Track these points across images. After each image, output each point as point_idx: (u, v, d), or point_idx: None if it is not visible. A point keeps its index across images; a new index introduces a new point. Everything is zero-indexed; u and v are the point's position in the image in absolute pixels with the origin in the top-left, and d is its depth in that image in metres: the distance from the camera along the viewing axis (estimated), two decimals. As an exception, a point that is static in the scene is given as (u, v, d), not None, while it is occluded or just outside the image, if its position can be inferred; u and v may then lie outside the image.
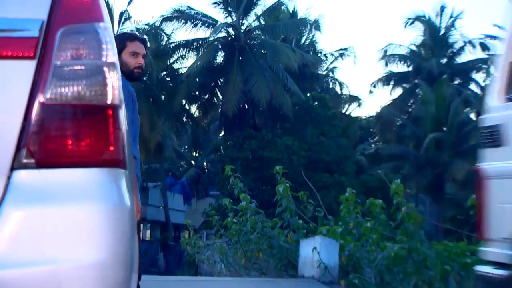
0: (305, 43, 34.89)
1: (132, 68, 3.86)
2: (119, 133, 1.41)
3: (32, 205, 1.31)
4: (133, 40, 3.90)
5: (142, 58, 3.90)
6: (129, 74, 3.85)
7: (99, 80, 1.40)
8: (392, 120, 32.53)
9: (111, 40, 1.45)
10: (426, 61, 33.53)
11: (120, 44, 3.82)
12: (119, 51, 3.79)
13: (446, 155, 28.17)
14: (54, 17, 1.41)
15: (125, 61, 3.85)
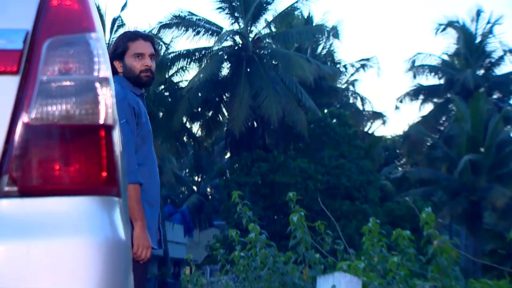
0: (322, 52, 35.00)
1: (138, 72, 3.74)
2: (113, 157, 1.42)
3: (14, 238, 1.31)
4: (136, 39, 3.77)
5: (149, 59, 3.76)
6: (136, 80, 3.75)
7: (91, 98, 1.41)
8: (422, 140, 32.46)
9: (104, 53, 1.46)
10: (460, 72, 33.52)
11: (121, 47, 3.76)
12: (122, 55, 3.76)
13: (484, 179, 28.02)
14: (40, 27, 1.42)
15: (129, 66, 3.75)
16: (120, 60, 3.76)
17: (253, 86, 27.05)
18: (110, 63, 3.73)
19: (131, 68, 3.74)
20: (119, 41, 3.78)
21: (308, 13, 34.13)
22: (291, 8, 29.01)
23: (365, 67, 35.75)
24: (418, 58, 34.76)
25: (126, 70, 3.75)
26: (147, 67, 3.73)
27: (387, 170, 35.09)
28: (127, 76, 3.75)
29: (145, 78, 3.75)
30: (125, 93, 3.69)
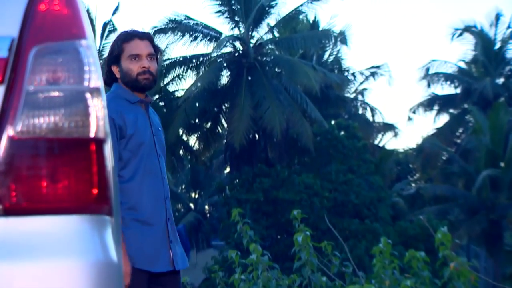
0: (329, 59, 35.05)
1: (135, 75, 3.66)
2: (104, 172, 1.43)
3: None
4: (131, 40, 3.70)
5: (147, 59, 3.68)
6: (134, 85, 3.69)
7: (81, 109, 1.41)
8: (437, 154, 32.44)
9: (95, 61, 1.47)
10: (478, 81, 33.54)
11: (117, 49, 3.71)
12: (118, 58, 3.71)
13: (504, 196, 27.97)
14: (26, 33, 1.43)
15: (125, 70, 3.69)
16: (117, 65, 3.73)
17: (255, 95, 27.08)
18: (108, 68, 3.62)
19: (128, 72, 3.69)
20: (114, 43, 3.74)
21: (313, 17, 34.21)
22: (295, 12, 29.07)
23: (375, 75, 35.79)
24: (432, 65, 34.80)
25: (122, 74, 3.71)
26: (144, 68, 3.66)
27: (399, 187, 35.04)
28: (125, 81, 3.71)
29: (144, 81, 3.68)
30: (109, 101, 3.65)
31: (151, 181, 3.66)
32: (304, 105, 27.55)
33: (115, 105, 3.65)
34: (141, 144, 3.65)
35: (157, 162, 3.70)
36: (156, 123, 3.79)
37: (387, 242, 8.01)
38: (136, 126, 3.67)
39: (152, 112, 3.84)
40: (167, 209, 3.70)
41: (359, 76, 36.08)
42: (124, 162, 3.61)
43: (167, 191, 3.72)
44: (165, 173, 3.76)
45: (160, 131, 3.80)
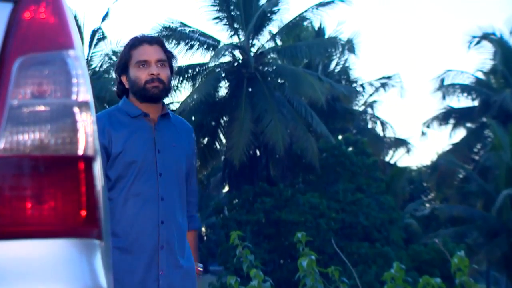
0: (336, 69, 35.11)
1: (143, 83, 3.59)
2: (94, 193, 1.43)
3: (-22, 288, 1.31)
4: (139, 45, 3.65)
5: (157, 66, 3.62)
6: (142, 94, 3.62)
7: (68, 125, 1.42)
8: (453, 172, 32.42)
9: (83, 73, 1.47)
10: (498, 93, 33.57)
11: (124, 57, 3.67)
12: (126, 67, 3.67)
13: (526, 217, 27.91)
14: (10, 44, 1.44)
15: (133, 78, 3.63)
16: (126, 74, 3.68)
17: (256, 108, 27.10)
18: (118, 79, 3.61)
19: (135, 80, 3.63)
20: (123, 50, 3.71)
21: (319, 24, 34.31)
22: (299, 18, 29.13)
23: (386, 87, 35.81)
24: (448, 76, 34.83)
25: (130, 83, 3.66)
26: (152, 76, 3.59)
27: (412, 207, 35.00)
28: (133, 91, 3.66)
29: (152, 90, 3.59)
30: (97, 117, 3.64)
31: (139, 204, 3.58)
32: (309, 119, 27.56)
33: (102, 122, 3.59)
34: (131, 163, 3.58)
35: (154, 183, 3.59)
36: (168, 138, 3.69)
37: (399, 268, 7.99)
38: (125, 144, 3.60)
39: (167, 126, 3.72)
40: (161, 236, 3.58)
41: (369, 88, 36.12)
42: (112, 182, 3.57)
43: (165, 216, 3.60)
44: (169, 195, 3.63)
45: (175, 148, 3.68)
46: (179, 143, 3.73)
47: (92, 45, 27.59)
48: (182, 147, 3.73)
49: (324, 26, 34.61)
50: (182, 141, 3.75)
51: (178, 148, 3.70)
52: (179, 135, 3.75)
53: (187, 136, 3.80)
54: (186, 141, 3.77)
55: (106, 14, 26.92)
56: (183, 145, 3.74)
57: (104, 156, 3.57)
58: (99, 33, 27.68)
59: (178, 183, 3.69)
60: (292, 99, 27.72)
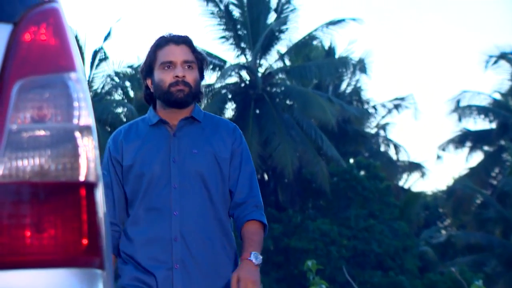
0: (347, 90, 35.14)
1: (167, 86, 3.44)
2: (95, 220, 1.43)
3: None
4: (165, 45, 3.51)
5: (182, 67, 3.46)
6: (166, 99, 3.46)
7: (69, 150, 1.43)
8: (470, 197, 32.31)
9: (85, 96, 1.48)
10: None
11: (149, 58, 3.54)
12: (151, 69, 3.53)
13: (547, 245, 27.79)
14: (9, 66, 1.45)
15: (157, 81, 3.48)
16: (150, 77, 3.54)
17: (263, 131, 27.12)
18: (144, 82, 3.52)
19: (159, 83, 3.47)
20: (148, 51, 3.57)
21: (329, 43, 34.35)
22: (309, 37, 29.20)
23: (399, 108, 35.80)
24: (463, 97, 34.79)
25: (155, 87, 3.52)
26: (177, 78, 3.43)
27: (427, 234, 34.86)
28: (157, 95, 3.51)
29: (176, 94, 3.43)
30: (117, 130, 3.56)
31: (150, 220, 3.42)
32: (319, 142, 27.55)
33: (118, 135, 3.53)
34: (140, 176, 3.44)
35: (166, 197, 3.41)
36: (187, 145, 3.49)
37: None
38: (136, 156, 3.47)
39: (190, 130, 3.52)
40: (174, 255, 3.39)
41: (381, 109, 36.11)
42: (129, 198, 3.48)
43: (180, 232, 3.40)
44: (186, 209, 3.42)
45: (196, 154, 3.47)
46: (204, 148, 3.49)
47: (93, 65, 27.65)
48: (209, 151, 3.49)
49: (335, 46, 34.64)
50: (211, 144, 3.51)
51: (201, 153, 3.48)
52: (206, 139, 3.52)
53: (223, 137, 3.55)
54: (220, 142, 3.53)
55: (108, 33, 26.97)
56: (210, 148, 3.50)
57: (120, 172, 3.49)
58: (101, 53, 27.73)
59: (202, 194, 3.46)
60: (302, 121, 27.72)
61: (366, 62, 33.67)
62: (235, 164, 3.55)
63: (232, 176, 3.54)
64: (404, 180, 38.19)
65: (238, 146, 3.56)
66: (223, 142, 3.52)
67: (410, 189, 37.05)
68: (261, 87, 27.96)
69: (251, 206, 3.63)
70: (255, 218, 3.62)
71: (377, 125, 37.09)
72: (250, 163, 3.61)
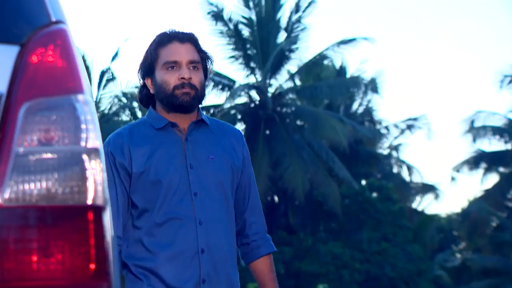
0: (359, 110, 35.14)
1: (171, 89, 3.23)
2: (103, 245, 1.43)
3: None
4: (168, 43, 3.29)
5: (188, 68, 3.25)
6: (169, 102, 3.25)
7: (76, 173, 1.43)
8: (485, 219, 32.19)
9: (93, 118, 1.49)
10: (531, 134, 33.46)
11: (150, 56, 3.31)
12: (152, 68, 3.32)
13: None
14: (16, 88, 1.46)
15: (159, 82, 3.27)
16: (151, 76, 3.33)
17: (274, 152, 27.11)
18: (142, 81, 3.32)
19: (162, 85, 3.25)
20: (148, 48, 3.34)
21: (340, 62, 34.40)
22: (319, 57, 29.24)
23: (412, 128, 35.77)
24: (478, 117, 34.73)
25: (156, 88, 3.30)
26: (183, 80, 3.22)
27: (442, 257, 34.72)
28: (159, 98, 3.30)
29: (182, 97, 3.22)
30: (116, 134, 3.35)
31: (172, 231, 3.21)
32: (330, 163, 27.52)
33: (120, 138, 3.32)
34: (155, 183, 3.22)
35: (189, 205, 3.22)
36: (203, 150, 3.31)
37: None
38: (148, 162, 3.24)
39: (202, 135, 3.35)
40: (202, 268, 3.20)
41: (394, 130, 36.09)
42: (138, 209, 3.25)
43: (206, 243, 3.21)
44: (209, 218, 3.24)
45: (213, 160, 3.30)
46: (220, 154, 3.33)
47: (101, 86, 27.72)
48: (224, 158, 3.33)
49: (346, 65, 34.68)
50: (224, 150, 3.35)
51: (218, 160, 3.31)
52: (220, 144, 3.36)
53: (233, 143, 3.40)
54: (231, 149, 3.38)
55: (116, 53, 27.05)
56: (225, 155, 3.34)
57: (126, 179, 3.26)
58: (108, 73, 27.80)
59: (221, 202, 3.29)
60: (312, 142, 27.72)
61: (378, 81, 33.70)
62: (246, 176, 3.43)
63: (243, 189, 3.42)
64: (418, 202, 38.13)
65: (247, 155, 3.46)
66: (234, 149, 3.39)
67: (424, 211, 36.96)
68: (271, 108, 27.98)
69: (263, 232, 3.49)
70: (268, 253, 3.52)
71: (390, 146, 37.07)
72: (255, 181, 3.52)
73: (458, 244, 38.31)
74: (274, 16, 28.51)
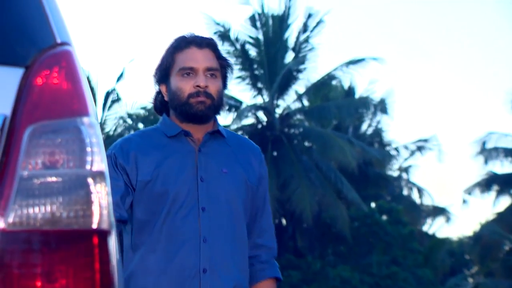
0: (368, 131, 35.13)
1: (186, 97, 3.09)
2: (108, 270, 1.44)
3: None
4: (185, 48, 3.14)
5: (205, 76, 3.11)
6: (183, 110, 3.11)
7: (81, 197, 1.44)
8: (497, 243, 32.09)
9: (98, 141, 1.49)
10: (544, 156, 33.40)
11: (166, 61, 3.17)
12: (167, 74, 3.18)
13: None
14: (20, 111, 1.47)
15: (174, 89, 3.13)
16: (166, 82, 3.18)
17: (281, 173, 27.10)
18: (157, 87, 3.18)
19: (176, 92, 3.11)
20: (165, 52, 3.19)
21: (349, 83, 34.43)
22: (328, 77, 29.28)
23: (422, 150, 35.74)
24: (490, 138, 34.69)
25: (170, 95, 3.16)
26: (198, 88, 3.08)
27: (453, 282, 34.59)
28: (173, 105, 3.16)
29: (197, 106, 3.08)
30: (124, 139, 3.19)
31: (175, 247, 3.03)
32: (339, 185, 27.49)
33: (128, 144, 3.14)
34: (161, 195, 3.06)
35: (194, 221, 3.05)
36: (216, 163, 3.15)
37: None
38: (156, 171, 3.09)
39: (217, 146, 3.20)
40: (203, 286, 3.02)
41: (404, 151, 36.05)
42: (140, 222, 3.08)
43: (209, 262, 3.03)
44: (215, 236, 3.07)
45: (226, 175, 3.13)
46: (234, 168, 3.18)
47: (105, 107, 27.77)
48: (239, 173, 3.17)
49: (355, 85, 34.71)
50: (240, 165, 3.20)
51: (231, 174, 3.15)
52: (236, 158, 3.21)
53: (250, 159, 3.26)
54: (247, 164, 3.22)
55: (121, 74, 27.12)
56: (240, 170, 3.18)
57: (128, 189, 3.10)
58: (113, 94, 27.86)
59: (232, 220, 3.11)
60: (321, 163, 27.70)
61: (388, 102, 33.70)
62: (260, 196, 3.25)
63: (254, 209, 3.24)
64: (428, 225, 38.03)
65: (265, 173, 3.30)
66: (250, 165, 3.23)
67: (434, 234, 36.85)
68: (279, 128, 28.00)
69: (271, 256, 3.30)
70: (273, 276, 3.30)
71: (400, 167, 37.01)
72: (268, 200, 3.34)
73: (470, 268, 38.14)
74: (282, 36, 28.57)
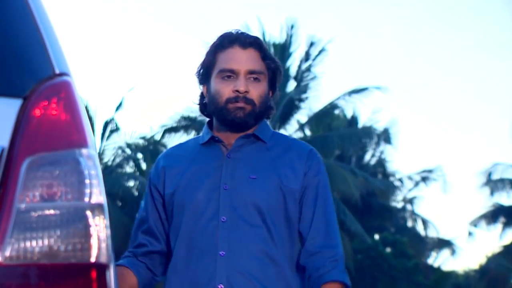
0: (371, 162, 35.11)
1: (224, 101, 2.89)
2: (108, 304, 1.43)
3: None
4: (228, 47, 2.93)
5: (246, 79, 2.89)
6: (220, 115, 2.92)
7: (80, 230, 1.44)
8: (504, 276, 31.99)
9: (97, 173, 1.50)
10: (551, 187, 33.37)
11: (208, 60, 2.98)
12: (208, 75, 2.99)
13: None
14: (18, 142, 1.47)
15: (213, 92, 2.94)
16: (207, 83, 3.00)
17: (283, 205, 27.09)
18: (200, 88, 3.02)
19: (215, 96, 2.92)
20: (208, 50, 2.99)
21: (352, 112, 34.47)
22: (330, 106, 29.29)
23: (427, 181, 35.68)
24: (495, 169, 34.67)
25: (209, 98, 2.97)
26: (237, 93, 2.87)
27: (459, 315, 34.45)
28: (211, 110, 2.98)
29: (234, 112, 2.87)
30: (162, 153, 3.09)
31: (190, 261, 2.85)
32: (341, 216, 27.43)
33: (161, 158, 3.05)
34: (180, 206, 2.90)
35: (212, 233, 2.84)
36: (244, 169, 2.91)
37: None
38: (179, 182, 2.93)
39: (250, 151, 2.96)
40: None
41: (408, 182, 36.00)
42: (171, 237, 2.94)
43: (226, 277, 2.79)
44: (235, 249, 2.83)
45: (255, 181, 2.88)
46: (266, 173, 2.91)
47: (104, 137, 27.77)
48: (271, 178, 2.90)
49: (358, 115, 34.73)
50: (274, 169, 2.92)
51: (261, 180, 2.89)
52: (272, 163, 2.94)
53: (293, 161, 2.95)
54: (287, 168, 2.93)
55: (120, 103, 27.17)
56: (273, 175, 2.91)
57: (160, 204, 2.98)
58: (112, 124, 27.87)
59: (258, 232, 2.85)
60: (323, 195, 27.67)
61: (391, 132, 33.72)
62: (309, 200, 2.94)
63: (305, 216, 2.93)
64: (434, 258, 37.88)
65: (314, 176, 2.95)
66: (292, 168, 2.93)
67: (440, 267, 36.70)
68: (280, 159, 27.98)
69: (329, 260, 2.93)
70: (335, 279, 2.88)
71: (404, 198, 36.94)
72: (328, 199, 2.99)
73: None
74: (283, 65, 28.65)
